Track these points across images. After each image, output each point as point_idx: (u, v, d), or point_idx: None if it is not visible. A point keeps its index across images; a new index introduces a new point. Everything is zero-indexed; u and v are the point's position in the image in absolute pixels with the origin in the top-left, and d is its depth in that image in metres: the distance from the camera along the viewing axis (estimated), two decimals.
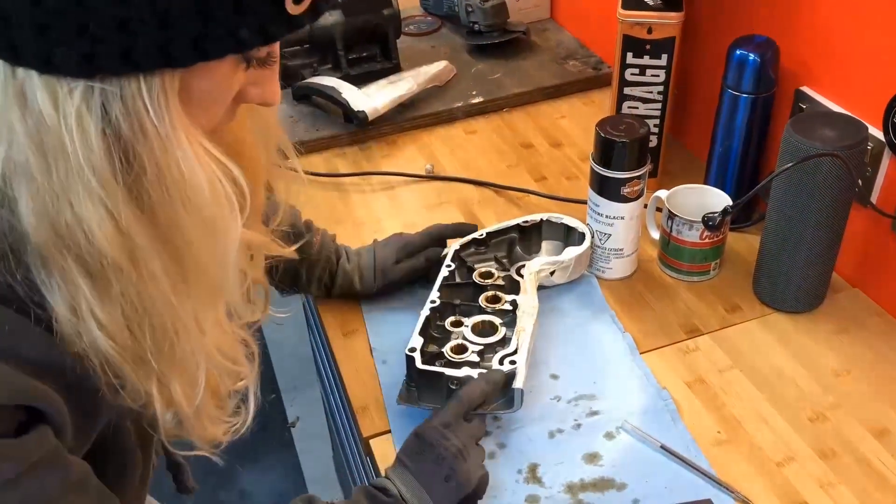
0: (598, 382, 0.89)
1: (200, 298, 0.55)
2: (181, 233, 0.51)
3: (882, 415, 0.84)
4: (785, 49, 0.98)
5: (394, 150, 1.28)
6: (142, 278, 0.50)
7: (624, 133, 0.93)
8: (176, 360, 0.55)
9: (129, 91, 0.46)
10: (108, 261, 0.49)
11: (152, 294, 0.51)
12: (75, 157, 0.46)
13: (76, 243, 0.48)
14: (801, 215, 0.88)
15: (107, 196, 0.47)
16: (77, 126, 0.46)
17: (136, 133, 0.47)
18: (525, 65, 1.43)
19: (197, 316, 0.54)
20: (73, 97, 0.45)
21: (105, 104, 0.46)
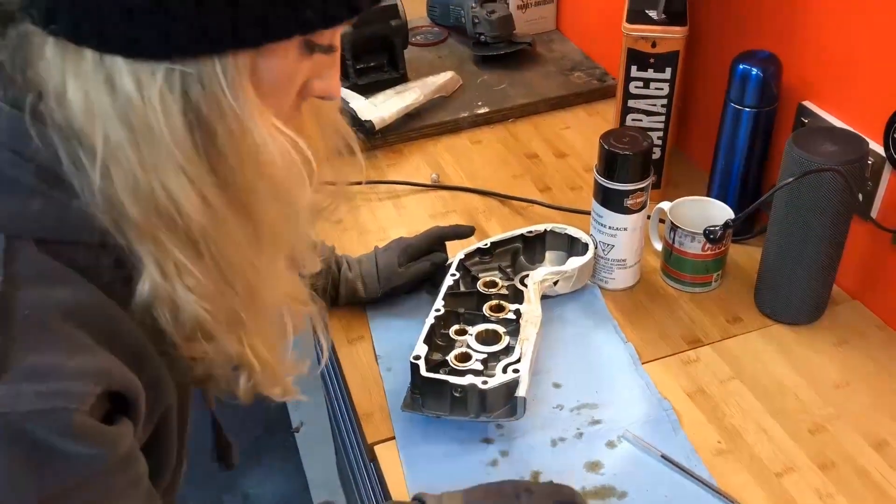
0: (600, 392, 0.90)
1: (273, 254, 0.59)
2: (257, 199, 0.55)
3: (881, 426, 0.85)
4: (787, 64, 0.99)
5: (400, 160, 1.29)
6: (224, 240, 0.55)
7: (627, 146, 0.94)
8: (260, 313, 0.60)
9: (206, 73, 0.50)
10: (194, 227, 0.53)
11: (233, 254, 0.56)
12: (161, 135, 0.50)
13: (167, 213, 0.53)
14: (803, 229, 0.89)
15: (190, 169, 0.52)
16: (161, 107, 0.50)
17: (213, 112, 0.51)
18: (530, 76, 1.45)
19: (272, 269, 0.60)
20: (155, 80, 0.49)
21: (185, 86, 0.50)
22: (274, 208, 0.57)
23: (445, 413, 0.84)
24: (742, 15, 1.08)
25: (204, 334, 0.57)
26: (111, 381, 0.52)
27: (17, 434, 0.48)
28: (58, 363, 0.50)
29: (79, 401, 0.49)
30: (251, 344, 0.61)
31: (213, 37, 0.49)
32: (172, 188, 0.52)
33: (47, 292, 0.51)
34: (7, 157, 0.52)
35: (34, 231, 0.52)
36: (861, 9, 0.90)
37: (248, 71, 0.52)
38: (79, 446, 0.50)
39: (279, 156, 0.55)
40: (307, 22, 0.51)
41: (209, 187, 0.53)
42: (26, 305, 0.50)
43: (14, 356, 0.48)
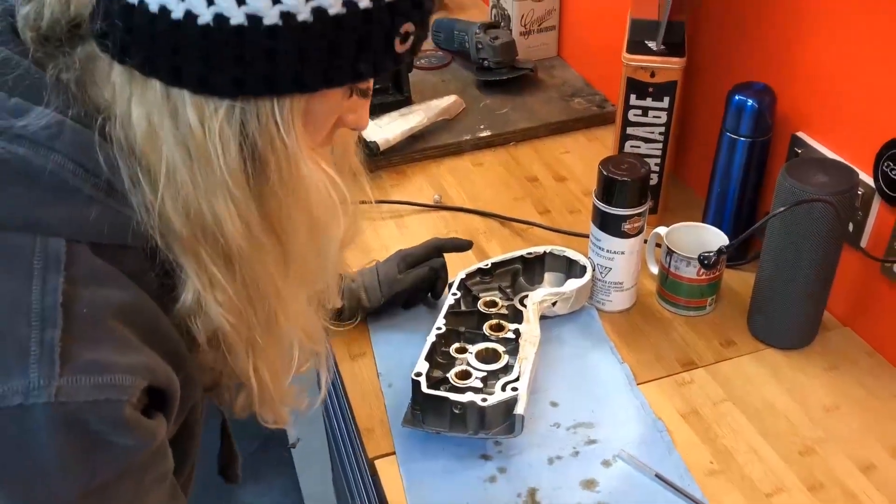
0: (596, 411, 0.92)
1: (297, 285, 0.63)
2: (293, 229, 0.60)
3: (870, 450, 0.87)
4: (782, 95, 1.02)
5: (403, 180, 1.32)
6: (257, 264, 0.60)
7: (626, 172, 0.97)
8: (274, 338, 0.63)
9: (264, 110, 0.54)
10: (234, 249, 0.58)
11: (262, 277, 0.61)
12: (217, 163, 0.55)
13: (211, 233, 0.57)
14: (794, 256, 0.92)
15: (238, 196, 0.56)
16: (219, 138, 0.54)
17: (266, 145, 0.55)
18: (532, 101, 1.48)
19: (294, 299, 0.63)
20: (217, 114, 0.54)
21: (244, 121, 0.54)
22: (307, 240, 0.61)
23: (445, 429, 0.86)
24: (738, 47, 1.11)
25: (224, 345, 0.61)
26: (155, 377, 0.56)
27: (75, 422, 0.52)
28: (111, 358, 0.53)
29: (129, 393, 0.53)
30: (257, 366, 0.64)
31: (278, 82, 0.53)
32: (219, 212, 0.56)
33: (101, 292, 0.55)
34: (70, 167, 0.55)
35: (90, 236, 0.56)
36: (853, 43, 0.93)
37: (302, 110, 0.56)
38: (125, 437, 0.54)
39: (319, 191, 0.59)
40: (360, 73, 0.55)
41: (253, 214, 0.57)
42: (84, 303, 0.53)
43: (75, 351, 0.52)
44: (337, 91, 0.57)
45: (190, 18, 0.51)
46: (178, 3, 0.51)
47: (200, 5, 0.50)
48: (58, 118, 0.55)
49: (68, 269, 0.54)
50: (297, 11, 0.51)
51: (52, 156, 0.54)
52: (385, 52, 0.56)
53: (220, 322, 0.60)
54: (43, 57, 0.58)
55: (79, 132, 0.56)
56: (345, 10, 0.52)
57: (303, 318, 0.66)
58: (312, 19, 0.51)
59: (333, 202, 0.61)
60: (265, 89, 0.53)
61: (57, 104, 0.56)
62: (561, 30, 1.62)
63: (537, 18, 1.59)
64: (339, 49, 0.53)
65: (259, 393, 0.65)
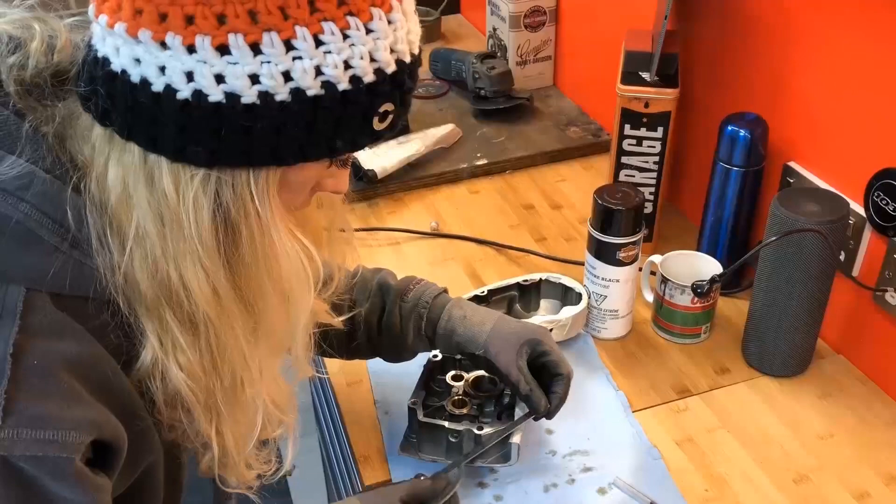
0: (591, 439, 0.92)
1: (266, 353, 0.63)
2: (262, 297, 0.60)
3: (863, 478, 0.87)
4: (774, 126, 1.04)
5: (400, 208, 1.33)
6: (224, 329, 0.60)
7: (620, 201, 0.98)
8: (238, 405, 0.63)
9: (239, 181, 0.55)
10: (200, 315, 0.58)
11: (230, 345, 0.60)
12: (188, 230, 0.55)
13: (177, 298, 0.58)
14: (787, 284, 0.93)
15: (208, 263, 0.57)
16: (193, 206, 0.55)
17: (240, 214, 0.56)
18: (528, 129, 1.50)
19: (261, 367, 0.63)
20: (193, 182, 0.55)
21: (218, 190, 0.55)
22: (277, 308, 0.61)
23: (441, 457, 0.86)
24: (731, 78, 1.13)
25: (182, 407, 0.61)
26: (101, 431, 0.56)
27: (12, 474, 0.52)
28: (57, 413, 0.53)
29: (74, 450, 0.53)
30: (220, 430, 0.64)
31: (254, 155, 0.54)
32: (188, 277, 0.57)
33: (55, 344, 0.55)
34: (37, 217, 0.56)
35: (51, 286, 0.56)
36: (843, 73, 0.95)
37: (278, 180, 0.57)
38: (73, 492, 0.54)
39: (291, 260, 0.59)
40: (336, 149, 0.57)
41: (222, 280, 0.58)
42: (35, 355, 0.54)
43: (20, 403, 0.52)
44: (315, 163, 0.58)
45: (170, 92, 0.52)
46: (158, 76, 0.52)
47: (180, 81, 0.51)
48: (29, 168, 0.56)
49: (24, 319, 0.54)
50: (276, 92, 0.52)
51: (20, 205, 0.55)
52: (362, 130, 0.56)
53: (180, 385, 0.60)
54: (24, 108, 0.59)
55: (49, 183, 0.56)
56: (323, 92, 0.53)
57: (270, 386, 0.66)
58: (290, 99, 0.52)
59: (306, 273, 0.61)
60: (241, 161, 0.54)
61: (30, 155, 0.57)
62: (557, 60, 1.64)
63: (533, 48, 1.62)
64: (316, 127, 0.54)
65: (220, 456, 0.65)
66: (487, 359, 0.85)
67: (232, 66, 0.51)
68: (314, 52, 0.52)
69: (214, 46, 0.51)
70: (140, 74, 0.52)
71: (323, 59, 0.52)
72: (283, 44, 0.51)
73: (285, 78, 0.52)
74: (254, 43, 0.51)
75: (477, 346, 0.85)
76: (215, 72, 0.51)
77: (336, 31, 0.52)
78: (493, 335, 0.85)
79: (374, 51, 0.54)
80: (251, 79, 0.51)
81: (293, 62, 0.51)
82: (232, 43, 0.51)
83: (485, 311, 0.88)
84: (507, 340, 0.85)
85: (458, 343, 0.86)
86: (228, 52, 0.51)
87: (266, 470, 0.70)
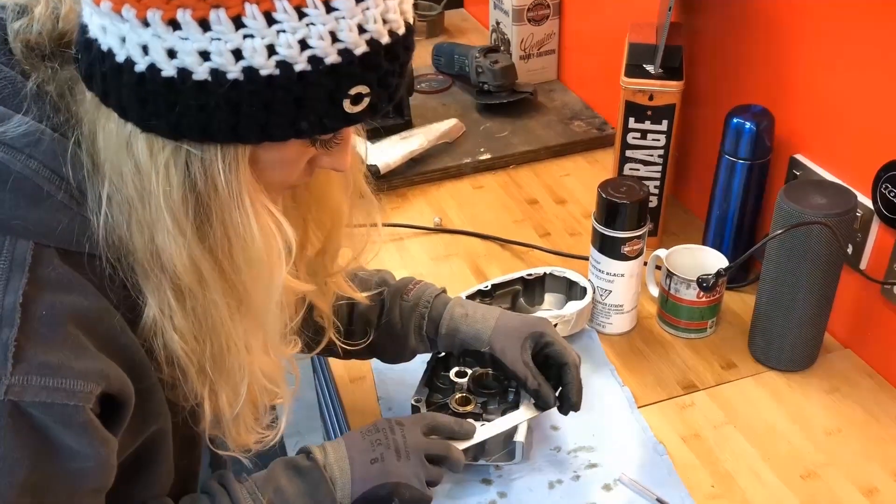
0: (596, 435, 0.92)
1: (249, 326, 0.63)
2: (237, 272, 0.60)
3: (871, 474, 0.87)
4: (780, 118, 1.03)
5: (404, 203, 1.32)
6: (206, 300, 0.60)
7: (625, 195, 0.97)
8: (225, 371, 0.64)
9: (207, 155, 0.55)
10: (182, 282, 0.59)
11: (213, 315, 0.61)
12: (159, 198, 0.56)
13: (162, 264, 0.59)
14: (794, 278, 0.92)
15: (180, 234, 0.57)
16: (164, 175, 0.55)
17: (208, 188, 0.56)
18: (532, 124, 1.49)
19: (246, 338, 0.63)
20: (164, 152, 0.55)
21: (188, 161, 0.55)
22: (253, 282, 0.61)
23: None
24: (736, 70, 1.12)
25: (178, 366, 0.63)
26: (109, 383, 0.57)
27: (23, 419, 0.53)
28: (65, 362, 0.55)
29: (82, 399, 0.55)
30: (214, 391, 0.65)
31: (214, 132, 0.54)
32: (162, 244, 0.58)
33: (62, 297, 0.56)
34: (46, 174, 0.57)
35: (59, 241, 0.57)
36: (850, 65, 0.94)
37: (248, 157, 0.57)
38: (80, 442, 0.56)
39: (260, 235, 0.59)
40: (302, 131, 0.55)
41: (197, 252, 0.58)
42: (44, 306, 0.55)
43: (29, 352, 0.53)
44: (287, 143, 0.57)
45: (129, 64, 0.52)
46: (121, 47, 0.52)
47: (138, 54, 0.52)
48: (37, 126, 0.57)
49: (33, 272, 0.55)
50: (227, 70, 0.51)
51: (29, 161, 0.56)
52: (332, 113, 0.55)
53: (174, 346, 0.61)
54: (29, 68, 0.60)
55: (56, 141, 0.58)
56: (278, 72, 0.51)
57: (260, 358, 0.66)
58: (243, 78, 0.51)
59: (277, 248, 0.60)
60: (201, 136, 0.54)
61: (36, 113, 0.58)
62: (560, 53, 1.63)
63: (537, 42, 1.61)
64: (273, 107, 0.53)
65: (212, 417, 0.66)
66: (493, 356, 0.84)
67: (182, 41, 0.50)
68: (266, 31, 0.50)
69: (165, 21, 0.50)
70: (107, 44, 0.53)
71: (276, 37, 0.51)
72: (231, 21, 0.50)
73: (236, 56, 0.51)
74: (202, 19, 0.50)
75: (481, 343, 0.85)
76: (166, 46, 0.51)
77: (290, 9, 0.50)
78: (496, 332, 0.85)
79: (336, 30, 0.52)
80: (201, 55, 0.51)
81: (244, 40, 0.50)
82: (180, 18, 0.50)
83: (486, 308, 0.88)
84: (510, 336, 0.84)
85: (463, 341, 0.86)
86: (179, 27, 0.50)
87: (265, 436, 0.71)
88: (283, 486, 0.72)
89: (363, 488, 0.74)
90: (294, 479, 0.73)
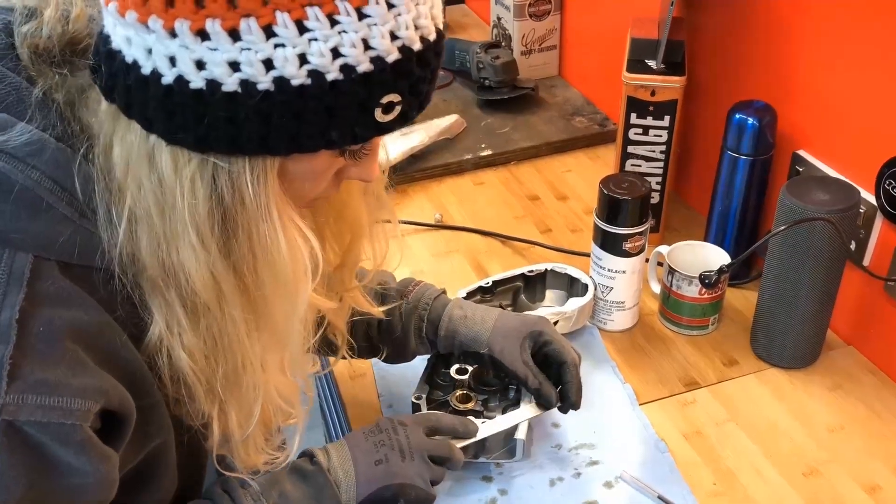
0: (598, 432, 0.91)
1: (268, 344, 0.62)
2: (260, 288, 0.59)
3: (874, 471, 0.86)
4: (782, 114, 1.02)
5: (404, 199, 1.32)
6: (224, 318, 0.59)
7: (626, 191, 0.97)
8: (238, 391, 0.62)
9: (235, 168, 0.54)
10: (199, 299, 0.58)
11: (230, 333, 0.60)
12: (183, 212, 0.55)
13: (177, 281, 0.57)
14: (796, 274, 0.91)
15: (203, 248, 0.56)
16: (189, 188, 0.54)
17: (235, 202, 0.55)
18: (533, 120, 1.48)
19: (263, 358, 0.62)
20: (189, 165, 0.54)
21: (215, 175, 0.54)
22: (275, 299, 0.60)
23: None
24: (738, 66, 1.12)
25: (184, 385, 0.61)
26: (108, 399, 0.56)
27: (18, 438, 0.52)
28: (62, 379, 0.53)
29: (80, 417, 0.54)
30: (223, 411, 0.63)
31: (243, 144, 0.53)
32: (184, 259, 0.56)
33: (61, 312, 0.55)
34: (47, 185, 0.56)
35: (60, 254, 0.56)
36: (853, 61, 0.93)
37: (276, 169, 0.55)
38: (79, 459, 0.54)
39: (287, 252, 0.58)
40: (333, 141, 0.54)
41: (220, 267, 0.57)
42: (41, 322, 0.53)
43: (25, 369, 0.52)
44: (317, 154, 0.56)
45: (156, 76, 0.51)
46: (147, 58, 0.51)
47: (164, 65, 0.50)
48: (40, 135, 0.56)
49: (31, 286, 0.54)
50: (257, 80, 0.50)
51: (30, 172, 0.55)
52: (363, 122, 0.54)
53: (182, 365, 0.60)
54: (36, 74, 0.59)
55: (60, 151, 0.56)
56: (310, 81, 0.50)
57: (275, 377, 0.64)
58: (274, 88, 0.50)
59: (304, 263, 0.59)
60: (230, 149, 0.53)
61: (41, 122, 0.57)
62: (562, 49, 1.63)
63: (538, 38, 1.60)
64: (305, 118, 0.52)
65: (220, 437, 0.65)
66: (492, 357, 0.84)
67: (211, 52, 0.49)
68: (297, 40, 0.49)
69: (193, 31, 0.49)
70: (132, 56, 0.52)
71: (308, 46, 0.49)
72: (262, 30, 0.49)
73: (266, 66, 0.49)
74: (232, 29, 0.49)
75: (480, 344, 0.85)
76: (195, 58, 0.50)
77: (322, 17, 0.49)
78: (494, 333, 0.85)
79: (369, 37, 0.51)
80: (231, 66, 0.49)
81: (274, 50, 0.49)
82: (209, 28, 0.49)
83: (484, 309, 0.88)
84: (508, 337, 0.84)
85: (462, 343, 0.86)
86: (208, 38, 0.49)
87: (275, 457, 0.70)
88: (288, 490, 0.71)
89: (368, 490, 0.73)
90: (298, 484, 0.72)
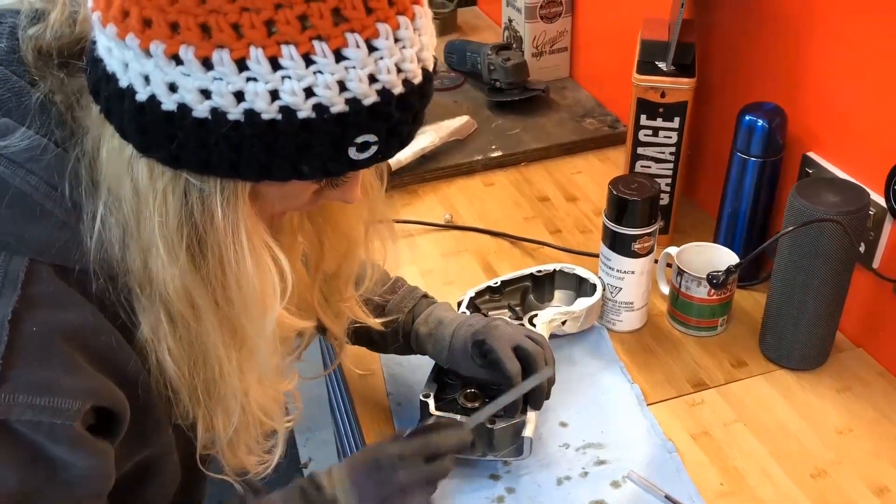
0: (605, 431, 0.92)
1: (245, 359, 0.63)
2: (229, 303, 0.59)
3: (882, 473, 0.86)
4: (792, 116, 1.02)
5: (414, 200, 1.33)
6: (200, 328, 0.60)
7: (636, 192, 0.97)
8: (218, 398, 0.63)
9: (206, 187, 0.55)
10: (175, 308, 0.59)
11: (206, 343, 0.60)
12: (153, 223, 0.55)
13: (157, 288, 0.58)
14: (805, 276, 0.91)
15: (171, 261, 0.56)
16: (161, 200, 0.55)
17: (205, 219, 0.56)
18: (543, 121, 1.49)
19: (240, 368, 0.63)
20: (163, 178, 0.55)
21: (186, 191, 0.55)
22: (245, 316, 0.60)
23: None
24: (748, 67, 1.12)
25: (170, 386, 0.62)
26: (100, 398, 0.57)
27: (11, 435, 0.53)
28: (54, 380, 0.55)
29: (70, 417, 0.55)
30: (211, 414, 0.65)
31: (214, 167, 0.53)
32: (154, 268, 0.57)
33: (56, 314, 0.56)
34: (45, 190, 0.57)
35: (55, 258, 0.57)
36: (863, 63, 0.93)
37: (248, 191, 0.56)
38: (73, 456, 0.56)
39: (255, 270, 0.58)
40: (304, 174, 0.54)
41: (189, 280, 0.57)
42: (35, 323, 0.55)
43: (17, 370, 0.53)
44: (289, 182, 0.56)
45: (130, 91, 0.51)
46: (124, 72, 0.51)
47: (139, 83, 0.51)
48: (40, 140, 0.57)
49: (25, 289, 0.55)
50: (227, 110, 0.50)
51: (29, 177, 0.56)
52: (336, 159, 0.53)
53: (168, 368, 0.61)
54: (39, 77, 0.60)
55: (59, 156, 0.57)
56: (280, 117, 0.50)
57: (254, 389, 0.65)
58: (243, 120, 0.50)
59: (272, 284, 0.59)
60: (201, 169, 0.53)
61: (40, 126, 0.57)
62: (573, 51, 1.63)
63: (549, 40, 1.61)
64: (275, 150, 0.52)
65: (205, 438, 0.66)
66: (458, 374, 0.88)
67: (184, 77, 0.49)
68: (269, 76, 0.49)
69: (167, 55, 0.49)
70: (112, 67, 0.52)
71: (280, 83, 0.49)
72: (234, 63, 0.49)
73: (237, 98, 0.49)
74: (204, 58, 0.49)
75: (444, 363, 0.88)
76: (168, 80, 0.50)
77: (297, 56, 0.49)
78: (451, 353, 0.87)
79: (345, 80, 0.50)
80: (202, 93, 0.50)
81: (246, 83, 0.49)
82: (182, 55, 0.49)
83: (447, 322, 0.88)
84: (462, 355, 0.86)
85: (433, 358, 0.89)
86: (181, 63, 0.49)
87: (266, 461, 0.71)
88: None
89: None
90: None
